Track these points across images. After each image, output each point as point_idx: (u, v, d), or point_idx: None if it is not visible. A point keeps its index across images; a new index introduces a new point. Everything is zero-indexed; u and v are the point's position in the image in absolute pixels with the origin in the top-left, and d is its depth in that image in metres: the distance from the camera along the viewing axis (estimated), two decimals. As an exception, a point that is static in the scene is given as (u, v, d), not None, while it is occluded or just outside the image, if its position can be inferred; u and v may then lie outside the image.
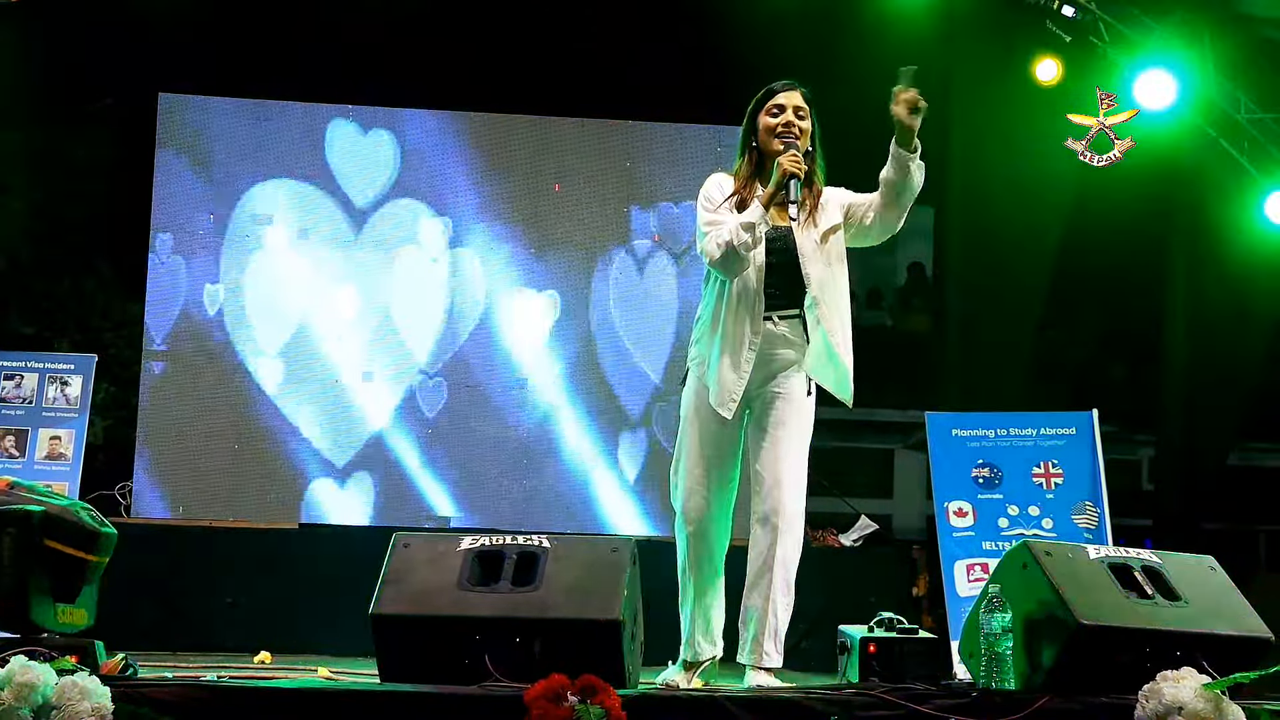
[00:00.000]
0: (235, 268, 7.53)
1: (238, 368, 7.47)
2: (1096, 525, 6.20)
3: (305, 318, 7.55)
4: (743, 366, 4.25)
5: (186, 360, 7.44)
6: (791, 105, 4.31)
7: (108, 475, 7.22)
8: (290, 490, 7.41)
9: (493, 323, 7.67)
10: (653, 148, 7.77)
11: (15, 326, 7.57)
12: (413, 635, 3.69)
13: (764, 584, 4.27)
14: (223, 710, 3.36)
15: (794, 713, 3.50)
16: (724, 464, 4.36)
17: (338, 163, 7.63)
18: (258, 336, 7.50)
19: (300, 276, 7.57)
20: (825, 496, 7.91)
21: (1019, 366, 8.29)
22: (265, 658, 5.60)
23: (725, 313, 4.27)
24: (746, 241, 4.15)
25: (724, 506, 4.39)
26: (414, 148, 7.71)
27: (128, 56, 7.52)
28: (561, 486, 7.57)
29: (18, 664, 3.16)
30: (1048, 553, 3.92)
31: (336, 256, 7.60)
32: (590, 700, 3.24)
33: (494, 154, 7.73)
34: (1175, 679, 3.47)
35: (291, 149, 7.61)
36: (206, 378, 7.44)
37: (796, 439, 4.32)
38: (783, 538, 4.26)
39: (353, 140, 7.66)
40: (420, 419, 7.54)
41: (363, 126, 7.68)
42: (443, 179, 7.70)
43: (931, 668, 4.19)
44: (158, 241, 7.46)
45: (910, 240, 9.91)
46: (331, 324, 7.57)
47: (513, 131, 7.77)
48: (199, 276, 7.50)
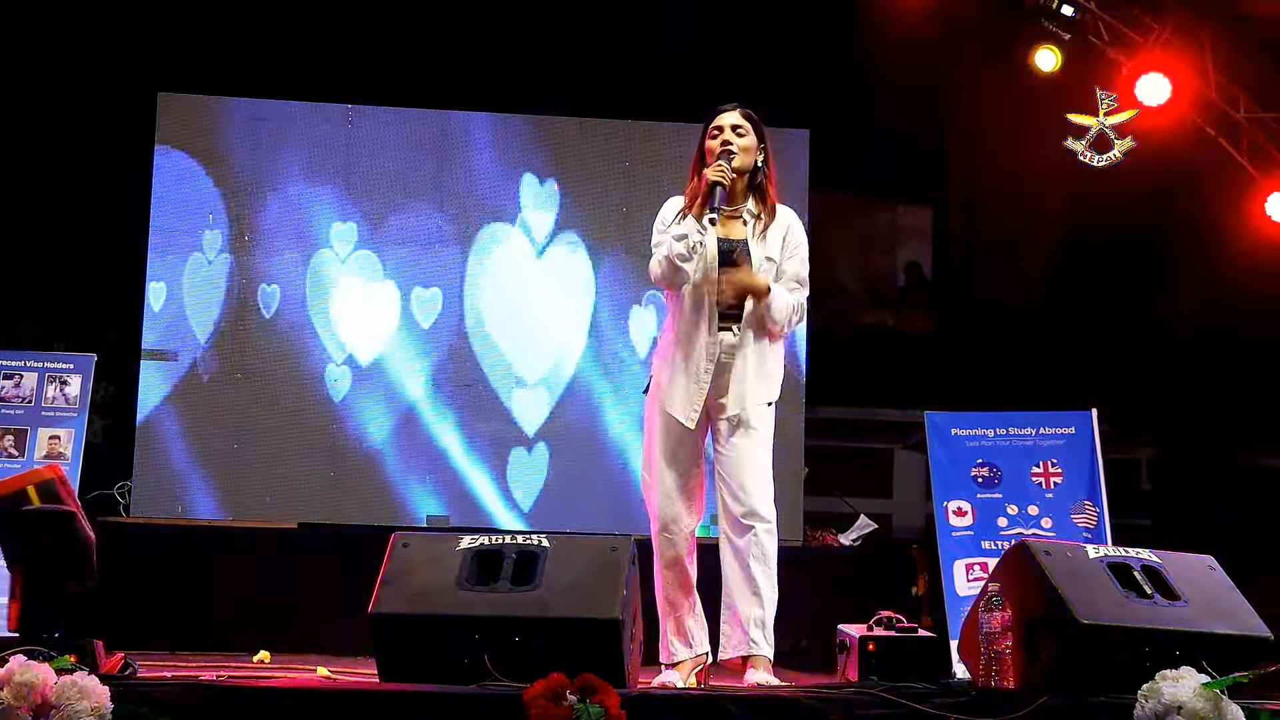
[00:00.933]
0: (237, 266, 7.51)
1: (237, 367, 7.46)
2: (1095, 525, 6.20)
3: (303, 316, 7.54)
4: (702, 377, 4.44)
5: (186, 359, 7.43)
6: (729, 124, 4.53)
7: (107, 475, 7.21)
8: (289, 490, 7.40)
9: (491, 321, 7.65)
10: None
11: (14, 326, 7.56)
12: (412, 635, 3.69)
13: (744, 580, 4.39)
14: (222, 710, 3.36)
15: (793, 712, 3.51)
16: (690, 469, 4.51)
17: (338, 163, 7.62)
18: (256, 335, 7.49)
19: (298, 274, 7.56)
20: (824, 496, 7.92)
21: (1018, 366, 8.29)
22: (265, 657, 5.60)
23: (683, 325, 4.47)
24: (681, 253, 4.37)
25: (693, 510, 4.54)
26: (414, 145, 7.70)
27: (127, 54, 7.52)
28: (561, 485, 7.56)
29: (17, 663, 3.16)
30: (1047, 552, 3.92)
31: (336, 255, 7.59)
32: (589, 699, 3.25)
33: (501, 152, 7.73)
34: (1174, 678, 3.47)
35: (291, 148, 7.59)
36: (206, 377, 7.44)
37: (760, 441, 4.48)
38: (759, 536, 4.40)
39: (352, 140, 7.65)
40: (421, 417, 7.53)
41: (363, 125, 7.66)
42: (445, 178, 7.69)
43: (930, 667, 4.20)
44: (158, 240, 7.45)
45: (909, 240, 9.91)
46: (330, 322, 7.55)
47: (512, 129, 7.76)
48: (202, 275, 7.49)
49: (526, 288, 7.71)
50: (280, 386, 7.48)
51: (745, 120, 4.57)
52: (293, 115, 7.63)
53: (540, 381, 7.63)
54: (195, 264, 7.50)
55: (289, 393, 7.48)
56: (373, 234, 7.63)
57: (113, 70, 7.51)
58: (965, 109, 8.29)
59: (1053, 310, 8.60)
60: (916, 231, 9.80)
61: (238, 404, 7.44)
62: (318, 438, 7.46)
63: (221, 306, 7.51)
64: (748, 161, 4.55)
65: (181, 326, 7.46)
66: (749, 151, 4.55)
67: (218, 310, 7.50)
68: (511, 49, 7.79)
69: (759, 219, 4.52)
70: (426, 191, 7.68)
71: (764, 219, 4.53)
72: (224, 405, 7.43)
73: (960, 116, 8.37)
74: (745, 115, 4.59)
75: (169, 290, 7.46)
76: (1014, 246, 8.53)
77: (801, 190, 7.64)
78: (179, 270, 7.49)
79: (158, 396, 7.40)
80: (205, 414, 7.42)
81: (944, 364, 8.71)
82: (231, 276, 7.53)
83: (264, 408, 7.46)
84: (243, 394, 7.45)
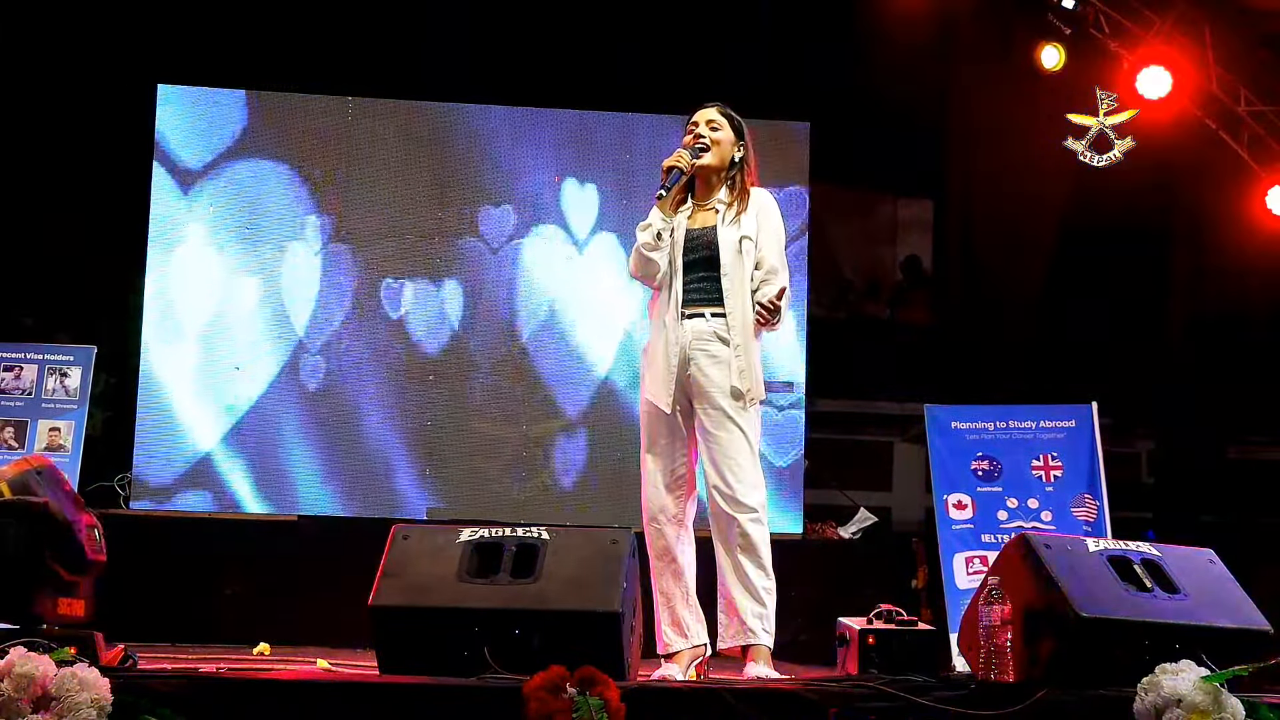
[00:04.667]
0: (248, 260, 7.50)
1: (236, 360, 7.45)
2: (1095, 518, 6.20)
3: (301, 315, 7.53)
4: (671, 362, 4.49)
5: (186, 352, 7.42)
6: (704, 120, 4.62)
7: (107, 467, 7.21)
8: (289, 482, 7.40)
9: (490, 320, 7.64)
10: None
11: (14, 317, 7.56)
12: (411, 627, 3.70)
13: (733, 570, 4.43)
14: (221, 702, 3.36)
15: (793, 704, 3.51)
16: (675, 459, 4.56)
17: (333, 153, 7.61)
18: (255, 331, 7.48)
19: (295, 272, 7.54)
20: (824, 489, 7.92)
21: (1018, 359, 8.29)
22: (264, 649, 5.60)
23: (658, 312, 4.57)
24: (648, 241, 4.50)
25: (680, 500, 4.57)
26: (414, 140, 7.69)
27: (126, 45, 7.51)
28: (560, 482, 7.56)
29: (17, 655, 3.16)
30: (1047, 545, 3.92)
31: (324, 248, 7.57)
32: (589, 692, 3.25)
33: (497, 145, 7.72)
34: (1174, 672, 3.48)
35: (289, 140, 7.58)
36: (205, 369, 7.43)
37: (742, 431, 4.48)
38: (748, 525, 4.43)
39: (350, 132, 7.64)
40: (420, 413, 7.52)
41: (362, 118, 7.65)
42: (444, 171, 7.67)
43: (930, 660, 4.20)
44: (157, 233, 7.43)
45: (909, 233, 9.91)
46: (326, 320, 7.54)
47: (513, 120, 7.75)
48: (216, 267, 7.47)
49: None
50: (278, 378, 7.47)
51: (721, 115, 4.64)
52: (292, 106, 7.60)
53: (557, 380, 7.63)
54: (198, 259, 7.48)
55: (287, 385, 7.47)
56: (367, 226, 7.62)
57: (112, 61, 7.50)
58: (966, 101, 8.28)
59: (1053, 303, 8.60)
60: (917, 224, 9.80)
61: (237, 396, 7.43)
62: (318, 429, 7.45)
63: (219, 299, 7.48)
64: (723, 155, 4.61)
65: (182, 318, 7.43)
66: (722, 145, 4.60)
67: (215, 305, 7.47)
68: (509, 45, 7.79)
69: (730, 206, 4.57)
70: (426, 186, 7.66)
71: (736, 205, 4.57)
72: (223, 397, 7.42)
73: (961, 109, 8.36)
74: (722, 111, 4.65)
75: (172, 280, 7.43)
76: (1014, 239, 8.53)
77: (802, 183, 7.65)
78: (182, 263, 7.45)
79: (157, 388, 7.38)
80: (205, 406, 7.41)
81: (944, 357, 8.71)
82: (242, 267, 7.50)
83: (263, 399, 7.44)
84: (242, 386, 7.44)
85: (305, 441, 7.45)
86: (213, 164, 7.52)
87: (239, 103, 7.58)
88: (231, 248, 7.51)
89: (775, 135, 7.55)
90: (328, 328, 7.53)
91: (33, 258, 7.64)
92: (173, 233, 7.47)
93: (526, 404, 7.59)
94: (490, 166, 7.70)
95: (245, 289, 7.50)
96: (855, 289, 9.98)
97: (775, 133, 7.56)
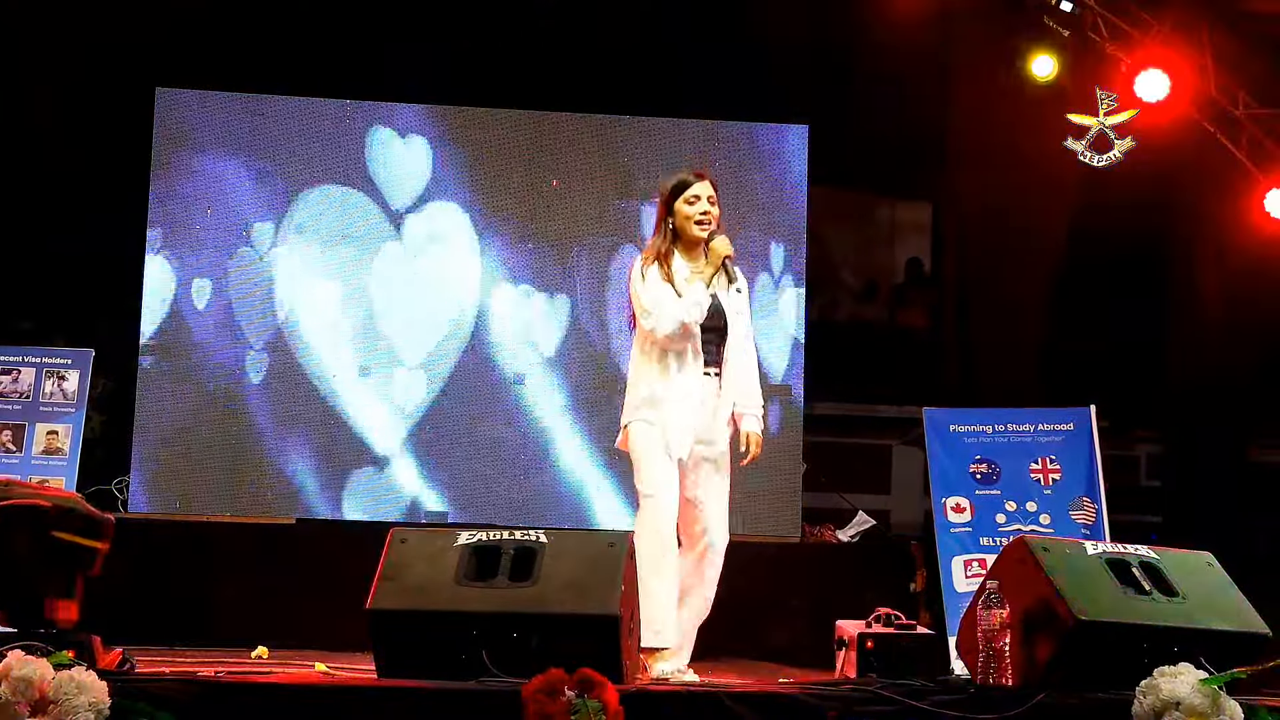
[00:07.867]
0: (229, 263, 7.50)
1: (236, 363, 7.45)
2: (1094, 521, 6.20)
3: (299, 314, 7.53)
4: (697, 411, 4.78)
5: (183, 355, 7.42)
6: (706, 195, 4.84)
7: (105, 470, 7.20)
8: (287, 485, 7.39)
9: (489, 320, 7.64)
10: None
11: (12, 320, 7.55)
12: (410, 630, 3.69)
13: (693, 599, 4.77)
14: (219, 705, 3.36)
15: (791, 708, 3.51)
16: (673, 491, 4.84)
17: (334, 158, 7.61)
18: (252, 332, 7.48)
19: (291, 272, 7.55)
20: (822, 492, 7.92)
21: (1017, 362, 8.29)
22: (262, 653, 5.60)
23: (675, 367, 4.78)
24: (699, 319, 4.75)
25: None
26: (413, 140, 7.69)
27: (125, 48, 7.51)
28: (560, 484, 7.55)
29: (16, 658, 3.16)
30: (1045, 548, 3.93)
31: (327, 252, 7.57)
32: (588, 695, 3.25)
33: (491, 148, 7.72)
34: (1173, 674, 3.48)
35: (289, 144, 7.59)
36: (203, 373, 7.42)
37: (726, 475, 4.88)
38: (716, 562, 4.82)
39: (350, 135, 7.64)
40: (418, 415, 7.52)
41: (362, 122, 7.66)
42: (441, 174, 7.68)
43: (929, 663, 4.20)
44: (154, 236, 7.44)
45: (908, 236, 9.91)
46: (324, 321, 7.54)
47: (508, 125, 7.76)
48: (192, 271, 7.47)
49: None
50: (278, 382, 7.47)
51: (713, 189, 4.89)
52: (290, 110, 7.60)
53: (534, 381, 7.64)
54: (191, 259, 7.47)
55: (287, 389, 7.47)
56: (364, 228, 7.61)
57: (111, 65, 7.50)
58: (965, 104, 8.28)
59: (1052, 306, 8.61)
60: (916, 227, 9.81)
61: (235, 399, 7.42)
62: (317, 433, 7.45)
63: (213, 302, 7.47)
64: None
65: (178, 321, 7.43)
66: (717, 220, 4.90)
67: (208, 305, 7.46)
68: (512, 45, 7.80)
69: (716, 273, 4.83)
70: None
71: (716, 273, 4.82)
72: (221, 401, 7.42)
73: (960, 111, 8.36)
74: (713, 183, 4.90)
75: (165, 285, 7.42)
76: (1012, 242, 8.53)
77: (801, 186, 7.64)
78: (176, 264, 7.45)
79: (155, 391, 7.38)
80: (203, 409, 7.40)
81: (943, 360, 8.71)
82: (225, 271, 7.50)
83: (261, 403, 7.44)
84: (240, 389, 7.43)
85: (303, 444, 7.44)
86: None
87: (236, 105, 7.59)
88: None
89: (774, 137, 7.56)
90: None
91: (31, 261, 7.64)
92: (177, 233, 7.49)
93: (527, 404, 7.60)
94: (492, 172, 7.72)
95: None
96: (854, 291, 9.98)
97: (774, 134, 7.57)
